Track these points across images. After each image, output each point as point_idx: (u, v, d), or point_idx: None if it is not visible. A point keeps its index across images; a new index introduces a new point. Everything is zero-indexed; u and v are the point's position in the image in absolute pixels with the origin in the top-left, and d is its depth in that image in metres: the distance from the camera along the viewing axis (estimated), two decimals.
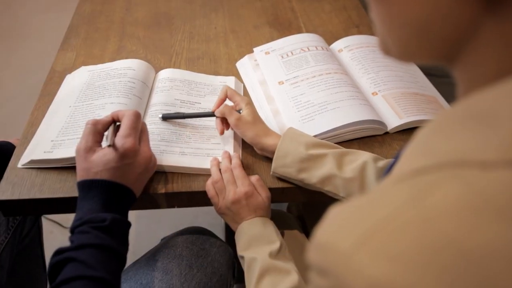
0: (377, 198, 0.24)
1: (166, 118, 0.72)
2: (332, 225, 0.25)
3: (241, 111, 0.67)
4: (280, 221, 0.67)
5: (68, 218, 1.43)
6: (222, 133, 0.70)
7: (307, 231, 0.82)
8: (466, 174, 0.21)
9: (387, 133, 0.75)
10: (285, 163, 0.63)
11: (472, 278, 0.19)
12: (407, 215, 0.21)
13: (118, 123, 0.63)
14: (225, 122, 0.70)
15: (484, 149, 0.22)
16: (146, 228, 1.36)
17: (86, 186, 0.57)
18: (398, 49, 0.30)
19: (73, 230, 0.55)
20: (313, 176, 0.62)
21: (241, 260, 0.63)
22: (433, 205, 0.21)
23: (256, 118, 0.67)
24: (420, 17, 0.26)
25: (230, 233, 1.03)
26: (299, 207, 0.89)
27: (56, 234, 1.39)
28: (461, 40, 0.26)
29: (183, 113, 0.73)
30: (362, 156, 0.61)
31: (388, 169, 0.45)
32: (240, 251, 0.62)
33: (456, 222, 0.20)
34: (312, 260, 0.25)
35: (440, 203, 0.21)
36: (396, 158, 0.42)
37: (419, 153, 0.26)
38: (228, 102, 0.71)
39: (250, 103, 0.68)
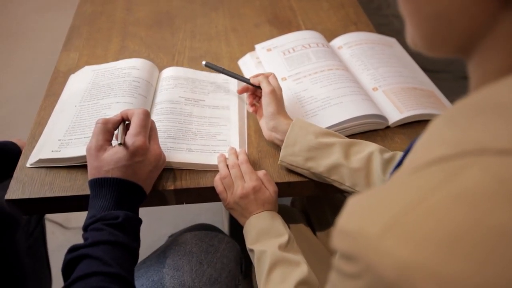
0: (399, 186, 0.25)
1: (208, 65, 0.80)
2: (356, 213, 0.26)
3: None
4: (285, 216, 0.68)
5: (70, 219, 1.43)
6: (240, 92, 0.78)
7: (312, 224, 0.84)
8: (485, 160, 0.23)
9: (388, 127, 0.77)
10: (293, 152, 0.65)
11: (498, 256, 0.20)
12: (432, 200, 0.23)
13: (127, 122, 0.64)
14: (249, 93, 0.76)
15: (500, 139, 0.23)
16: (148, 227, 1.36)
17: (98, 184, 0.58)
18: (423, 41, 0.31)
19: (86, 227, 0.55)
20: (320, 165, 0.63)
21: (250, 254, 0.64)
22: (456, 190, 0.22)
23: (282, 100, 0.71)
24: (442, 10, 0.28)
25: (234, 229, 1.04)
26: (303, 202, 0.91)
27: (57, 235, 1.39)
28: (479, 34, 0.27)
29: (223, 68, 0.79)
30: (368, 147, 0.63)
31: (399, 163, 0.46)
32: (249, 245, 0.63)
33: (476, 207, 0.21)
34: (338, 247, 0.26)
35: (461, 189, 0.22)
36: (405, 153, 0.43)
37: (435, 144, 0.27)
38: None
39: (281, 90, 0.72)
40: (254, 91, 0.75)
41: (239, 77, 0.77)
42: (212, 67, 0.80)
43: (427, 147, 0.27)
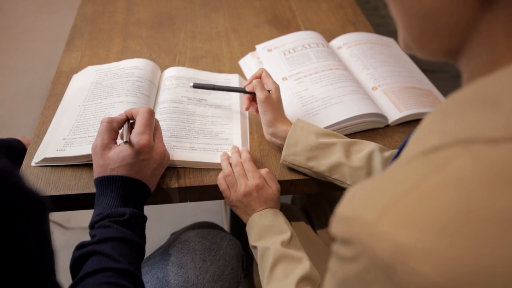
0: (394, 175, 0.27)
1: (196, 87, 0.75)
2: (354, 200, 0.27)
3: (270, 92, 0.70)
4: (286, 213, 0.69)
5: (69, 219, 1.44)
6: (247, 109, 0.74)
7: (312, 222, 0.85)
8: (475, 149, 0.24)
9: (388, 125, 0.78)
10: (295, 151, 0.66)
11: (504, 240, 0.21)
12: (423, 186, 0.24)
13: (131, 121, 0.65)
14: (251, 101, 0.73)
15: (489, 129, 0.25)
16: (148, 227, 1.37)
17: (104, 182, 0.58)
18: (415, 43, 0.32)
19: (93, 225, 0.56)
20: (321, 164, 0.64)
21: (253, 250, 0.65)
22: (448, 176, 0.24)
23: (280, 103, 0.70)
24: (428, 11, 0.29)
25: (235, 229, 1.05)
26: (303, 200, 0.92)
27: (57, 235, 1.39)
28: (465, 33, 0.29)
29: (214, 85, 0.75)
30: (368, 146, 0.64)
31: (396, 156, 0.48)
32: (252, 242, 0.64)
33: (464, 192, 0.23)
34: (336, 232, 0.27)
35: (451, 176, 0.24)
36: (402, 146, 0.44)
37: (429, 135, 0.28)
38: None
39: (279, 89, 0.71)
40: (253, 98, 0.73)
41: (233, 88, 0.76)
42: (201, 87, 0.75)
43: (421, 139, 0.29)
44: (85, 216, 1.44)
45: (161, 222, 1.40)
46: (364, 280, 0.25)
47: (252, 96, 0.73)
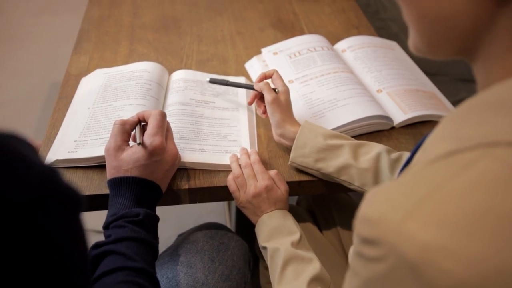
0: (416, 176, 0.27)
1: (212, 82, 0.80)
2: (378, 202, 0.28)
3: (277, 90, 0.71)
4: (292, 215, 0.70)
5: None
6: (250, 104, 0.76)
7: (318, 223, 0.86)
8: (497, 152, 0.25)
9: (393, 128, 0.79)
10: (303, 153, 0.67)
11: None
12: (449, 188, 0.25)
13: (143, 123, 0.66)
14: (257, 99, 0.75)
15: (510, 132, 0.26)
16: None
17: (117, 183, 0.59)
18: (427, 46, 0.33)
19: (108, 225, 0.57)
20: (329, 166, 0.65)
21: (263, 251, 0.65)
22: (471, 178, 0.25)
23: (288, 105, 0.71)
24: (444, 14, 0.30)
25: (239, 230, 1.06)
26: (308, 201, 0.93)
27: None
28: (480, 32, 0.30)
29: (227, 81, 0.80)
30: (376, 148, 0.65)
31: (409, 160, 0.49)
32: (262, 242, 0.65)
33: (491, 192, 0.24)
34: (360, 233, 0.28)
35: (477, 176, 0.24)
36: (415, 150, 0.45)
37: (448, 138, 0.29)
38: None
39: (287, 91, 0.72)
40: (261, 97, 0.74)
41: (244, 85, 0.79)
42: (216, 82, 0.81)
43: (440, 142, 0.29)
44: (86, 218, 1.44)
45: (166, 223, 1.40)
46: (390, 280, 0.25)
47: (260, 94, 0.74)
